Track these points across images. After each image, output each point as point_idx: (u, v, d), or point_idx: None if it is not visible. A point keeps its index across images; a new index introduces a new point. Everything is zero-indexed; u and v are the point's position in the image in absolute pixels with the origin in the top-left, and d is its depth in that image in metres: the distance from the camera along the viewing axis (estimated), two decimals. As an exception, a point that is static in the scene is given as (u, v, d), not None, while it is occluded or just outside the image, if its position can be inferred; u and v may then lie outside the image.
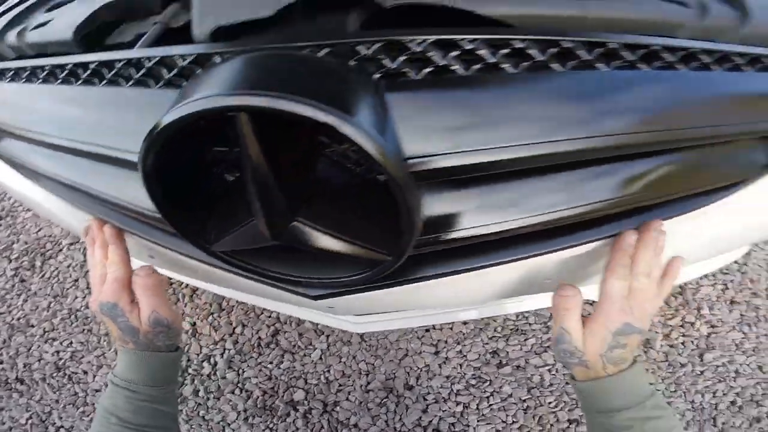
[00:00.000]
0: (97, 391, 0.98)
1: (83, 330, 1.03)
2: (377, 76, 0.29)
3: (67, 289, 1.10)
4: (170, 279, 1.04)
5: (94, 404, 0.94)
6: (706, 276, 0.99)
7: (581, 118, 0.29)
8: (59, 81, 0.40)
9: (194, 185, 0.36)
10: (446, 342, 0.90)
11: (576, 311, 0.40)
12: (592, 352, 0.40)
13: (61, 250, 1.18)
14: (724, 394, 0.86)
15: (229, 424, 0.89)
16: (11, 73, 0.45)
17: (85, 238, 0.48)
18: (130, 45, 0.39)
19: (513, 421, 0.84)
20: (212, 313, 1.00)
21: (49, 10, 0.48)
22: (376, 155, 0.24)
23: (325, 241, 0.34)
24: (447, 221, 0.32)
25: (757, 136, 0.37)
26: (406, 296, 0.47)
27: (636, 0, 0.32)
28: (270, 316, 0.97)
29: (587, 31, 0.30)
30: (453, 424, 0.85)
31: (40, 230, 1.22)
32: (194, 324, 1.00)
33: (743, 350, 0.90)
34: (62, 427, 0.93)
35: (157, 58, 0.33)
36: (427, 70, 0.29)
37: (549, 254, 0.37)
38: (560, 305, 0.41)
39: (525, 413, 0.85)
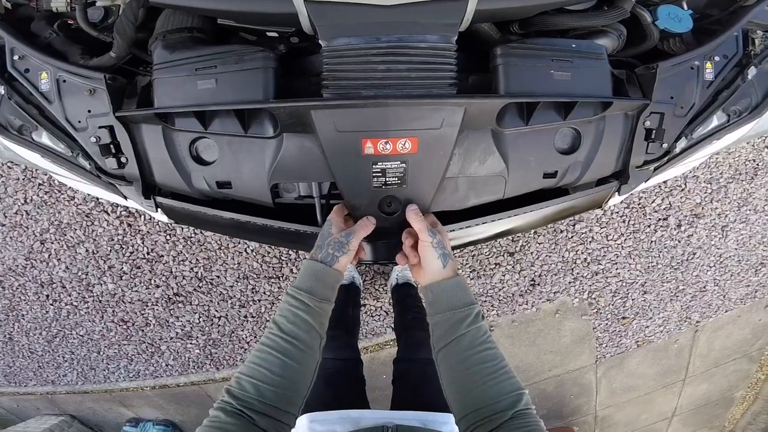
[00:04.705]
0: (231, 286, 1.58)
1: (201, 249, 1.53)
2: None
3: (172, 223, 1.48)
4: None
5: (236, 296, 1.50)
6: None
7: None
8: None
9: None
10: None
11: None
12: None
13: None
14: (581, 252, 1.64)
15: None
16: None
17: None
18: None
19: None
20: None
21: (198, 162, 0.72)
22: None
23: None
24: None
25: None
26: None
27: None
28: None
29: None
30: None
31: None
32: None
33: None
34: (221, 316, 1.53)
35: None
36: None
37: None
38: None
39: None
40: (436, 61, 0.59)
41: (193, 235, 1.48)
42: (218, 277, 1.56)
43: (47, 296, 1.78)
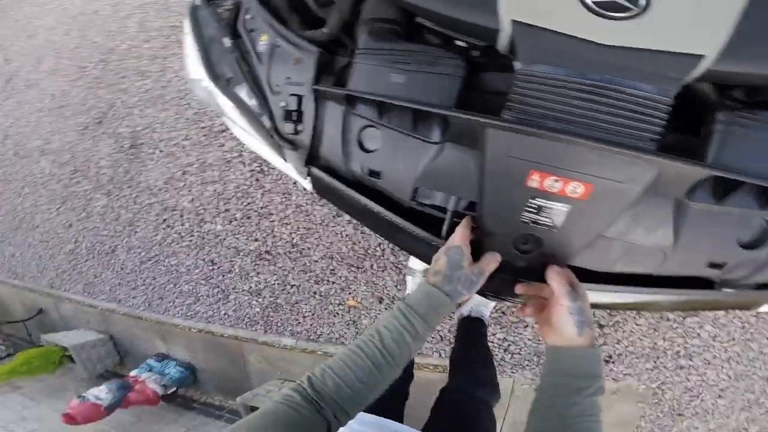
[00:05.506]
0: (315, 261, 1.66)
1: (305, 219, 1.65)
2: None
3: (291, 189, 1.62)
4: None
5: (315, 271, 1.53)
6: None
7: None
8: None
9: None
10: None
11: None
12: None
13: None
14: (677, 345, 1.44)
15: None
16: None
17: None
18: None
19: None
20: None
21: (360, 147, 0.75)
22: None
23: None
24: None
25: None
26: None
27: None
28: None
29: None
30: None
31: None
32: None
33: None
34: (294, 285, 1.62)
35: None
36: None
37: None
38: None
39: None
40: (645, 112, 0.55)
41: (304, 204, 1.61)
42: (309, 248, 1.66)
43: (164, 220, 2.03)
